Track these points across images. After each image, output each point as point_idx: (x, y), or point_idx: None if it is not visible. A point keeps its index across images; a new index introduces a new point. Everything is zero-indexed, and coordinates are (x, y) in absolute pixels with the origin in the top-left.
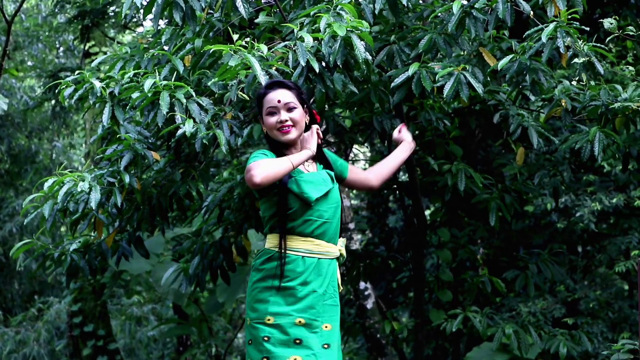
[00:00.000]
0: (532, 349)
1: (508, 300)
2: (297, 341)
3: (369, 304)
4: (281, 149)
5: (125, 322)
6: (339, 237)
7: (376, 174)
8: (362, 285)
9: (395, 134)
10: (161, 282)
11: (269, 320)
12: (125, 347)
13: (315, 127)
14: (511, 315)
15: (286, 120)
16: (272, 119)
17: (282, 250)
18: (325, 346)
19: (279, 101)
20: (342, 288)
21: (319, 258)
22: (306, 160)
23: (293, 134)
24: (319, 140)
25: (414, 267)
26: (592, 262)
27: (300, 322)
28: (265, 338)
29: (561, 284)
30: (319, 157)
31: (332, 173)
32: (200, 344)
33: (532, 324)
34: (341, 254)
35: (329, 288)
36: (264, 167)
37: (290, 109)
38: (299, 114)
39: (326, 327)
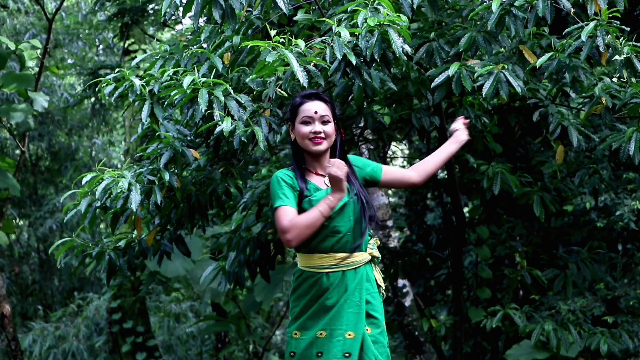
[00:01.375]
0: (572, 347)
1: (547, 298)
2: (319, 354)
3: (407, 302)
4: (306, 158)
5: (164, 319)
6: (371, 239)
7: (419, 171)
8: (400, 282)
9: (453, 124)
10: (200, 280)
11: (295, 334)
12: (164, 344)
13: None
14: (550, 314)
15: (320, 132)
16: (306, 129)
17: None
18: (347, 355)
19: (315, 112)
20: (383, 287)
21: (344, 271)
22: (335, 198)
23: (323, 146)
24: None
25: (452, 265)
26: (632, 260)
27: (321, 334)
28: (292, 353)
29: (601, 281)
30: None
31: (350, 185)
32: (238, 341)
33: (571, 322)
34: (374, 257)
35: (354, 296)
36: (299, 231)
37: (324, 122)
38: (332, 128)
39: (349, 335)
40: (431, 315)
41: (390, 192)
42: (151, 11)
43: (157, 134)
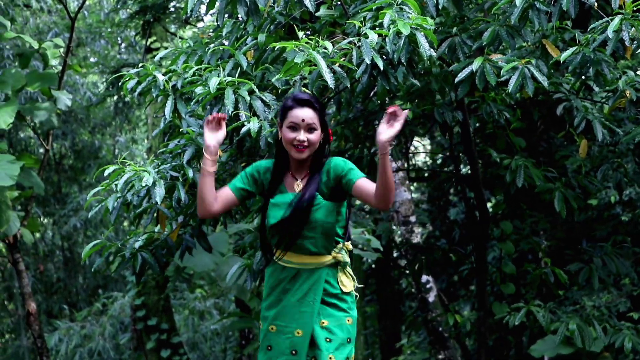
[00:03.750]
0: (596, 343)
1: (572, 293)
2: (269, 347)
3: (431, 297)
4: (286, 159)
5: (189, 316)
6: (340, 244)
7: (375, 194)
8: (424, 278)
9: (378, 132)
10: (226, 278)
11: (260, 324)
12: (189, 341)
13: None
14: (575, 309)
15: (304, 141)
16: (291, 135)
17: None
18: (294, 352)
19: (302, 120)
20: (350, 288)
21: (298, 270)
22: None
23: (305, 154)
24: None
25: (476, 260)
26: None
27: (272, 329)
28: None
29: (626, 277)
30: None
31: (320, 193)
32: None
33: (596, 317)
34: (339, 261)
35: (308, 296)
36: (198, 201)
37: (310, 130)
38: (317, 136)
39: (298, 332)
40: (455, 311)
41: (412, 187)
42: (173, 9)
43: (179, 129)
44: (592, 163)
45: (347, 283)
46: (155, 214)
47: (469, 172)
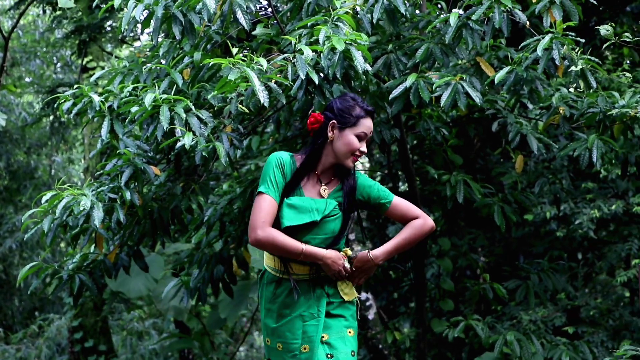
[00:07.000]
0: (534, 357)
1: (509, 308)
2: None
3: (371, 315)
4: (321, 161)
5: (127, 337)
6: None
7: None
8: (363, 295)
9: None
10: (162, 297)
11: (268, 342)
12: None
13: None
14: (512, 324)
15: (365, 153)
16: (357, 144)
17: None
18: None
19: (370, 132)
20: (352, 296)
21: (308, 279)
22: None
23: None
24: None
25: (415, 277)
26: (593, 270)
27: (279, 347)
28: None
29: (562, 291)
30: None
31: (339, 202)
32: (202, 358)
33: (533, 332)
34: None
35: (312, 309)
36: (270, 247)
37: (366, 142)
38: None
39: (304, 349)
40: (395, 328)
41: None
42: (109, 28)
43: (117, 151)
44: (528, 179)
45: (348, 291)
46: (92, 235)
47: (407, 189)
